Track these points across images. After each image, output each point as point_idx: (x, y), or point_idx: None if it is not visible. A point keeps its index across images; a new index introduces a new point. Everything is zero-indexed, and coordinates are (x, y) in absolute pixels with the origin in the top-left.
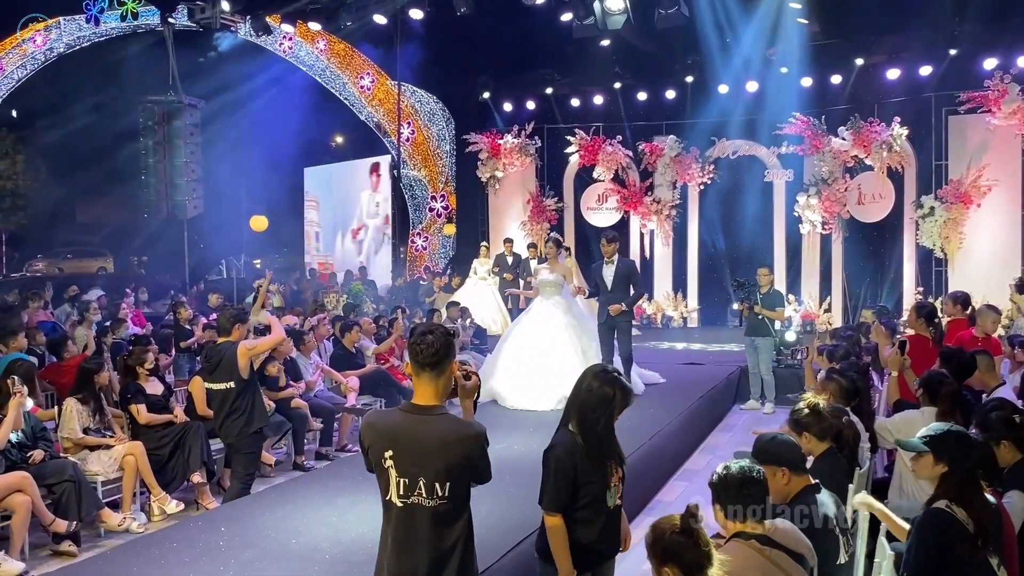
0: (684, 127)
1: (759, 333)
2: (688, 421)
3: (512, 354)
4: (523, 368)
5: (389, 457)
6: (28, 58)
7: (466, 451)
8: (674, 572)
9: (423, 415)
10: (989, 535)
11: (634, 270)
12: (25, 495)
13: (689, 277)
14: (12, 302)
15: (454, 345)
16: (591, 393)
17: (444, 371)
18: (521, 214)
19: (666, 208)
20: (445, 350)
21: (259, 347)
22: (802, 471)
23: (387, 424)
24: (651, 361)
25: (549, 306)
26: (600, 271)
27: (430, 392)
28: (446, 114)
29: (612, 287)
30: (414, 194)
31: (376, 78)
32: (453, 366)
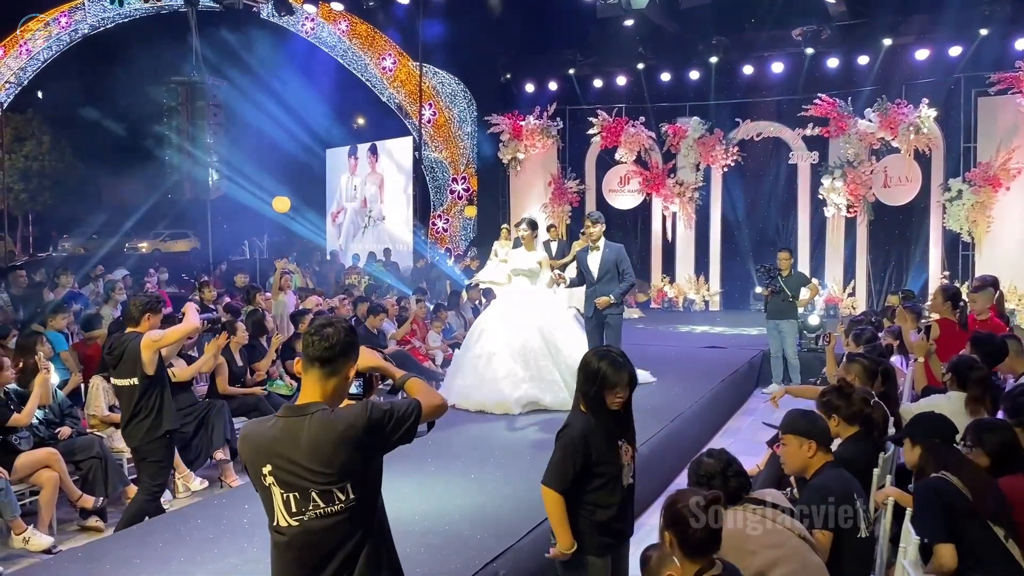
0: (708, 108)
1: (783, 316)
2: (709, 404)
3: (474, 356)
4: (486, 372)
5: (269, 473)
6: (54, 39)
7: (355, 440)
8: (671, 539)
9: (300, 416)
10: (986, 498)
11: (623, 256)
12: (53, 471)
13: (711, 260)
14: (40, 281)
15: (356, 346)
16: (584, 370)
17: (338, 371)
18: (542, 196)
19: (689, 190)
20: (343, 348)
21: (166, 339)
22: (827, 450)
23: (263, 434)
24: (672, 344)
25: (523, 297)
26: (584, 258)
27: (315, 392)
28: (468, 95)
29: (598, 276)
30: (435, 176)
31: (398, 59)
32: (350, 370)
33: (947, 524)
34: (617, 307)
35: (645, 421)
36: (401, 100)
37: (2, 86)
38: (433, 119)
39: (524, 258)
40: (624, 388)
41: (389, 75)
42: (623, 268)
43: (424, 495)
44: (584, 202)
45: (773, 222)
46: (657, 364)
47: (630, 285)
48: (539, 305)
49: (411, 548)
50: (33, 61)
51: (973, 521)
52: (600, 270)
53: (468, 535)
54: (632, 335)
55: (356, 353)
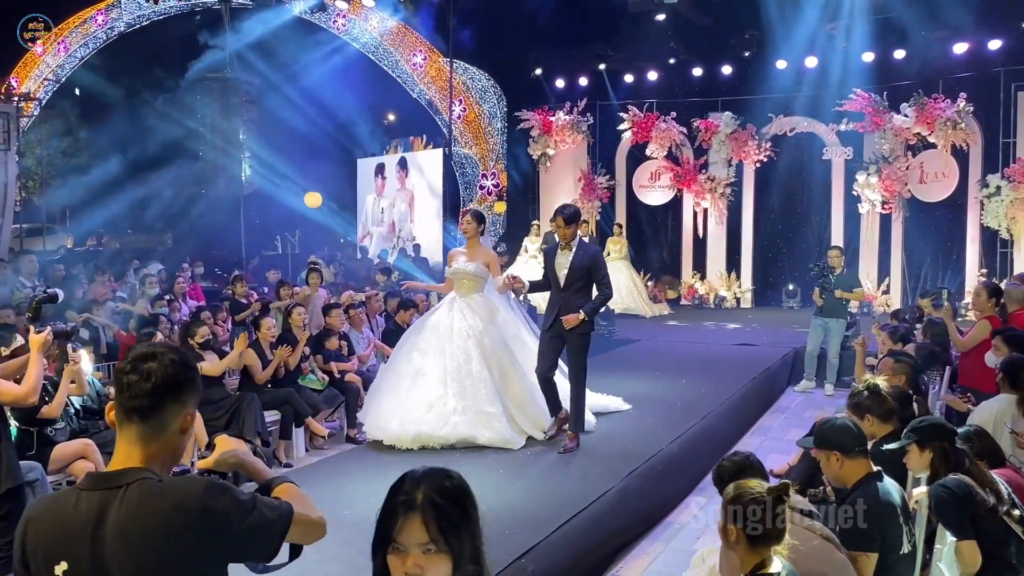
0: (740, 103)
1: (834, 315)
2: (740, 403)
3: (397, 374)
4: (409, 397)
5: (63, 574)
6: (90, 37)
7: (182, 529)
8: (738, 534)
9: (111, 488)
10: (1002, 496)
11: (599, 262)
12: (88, 461)
13: (743, 257)
14: (77, 274)
15: (193, 385)
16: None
17: (165, 424)
18: (572, 192)
19: (720, 186)
20: (171, 388)
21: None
22: (857, 455)
23: (56, 516)
24: (703, 342)
25: (463, 308)
26: (552, 259)
27: (134, 454)
28: (497, 91)
29: (566, 282)
30: (464, 172)
31: (428, 55)
32: (186, 421)
33: (967, 521)
34: (586, 326)
35: (676, 418)
36: (432, 96)
37: (41, 83)
38: (463, 115)
39: (468, 258)
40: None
41: (420, 71)
42: (599, 276)
43: None
44: (614, 198)
45: (806, 218)
46: (687, 361)
47: (604, 299)
48: (485, 317)
49: None
50: (70, 59)
51: (989, 515)
52: (570, 276)
53: (497, 530)
54: (662, 332)
55: (192, 395)
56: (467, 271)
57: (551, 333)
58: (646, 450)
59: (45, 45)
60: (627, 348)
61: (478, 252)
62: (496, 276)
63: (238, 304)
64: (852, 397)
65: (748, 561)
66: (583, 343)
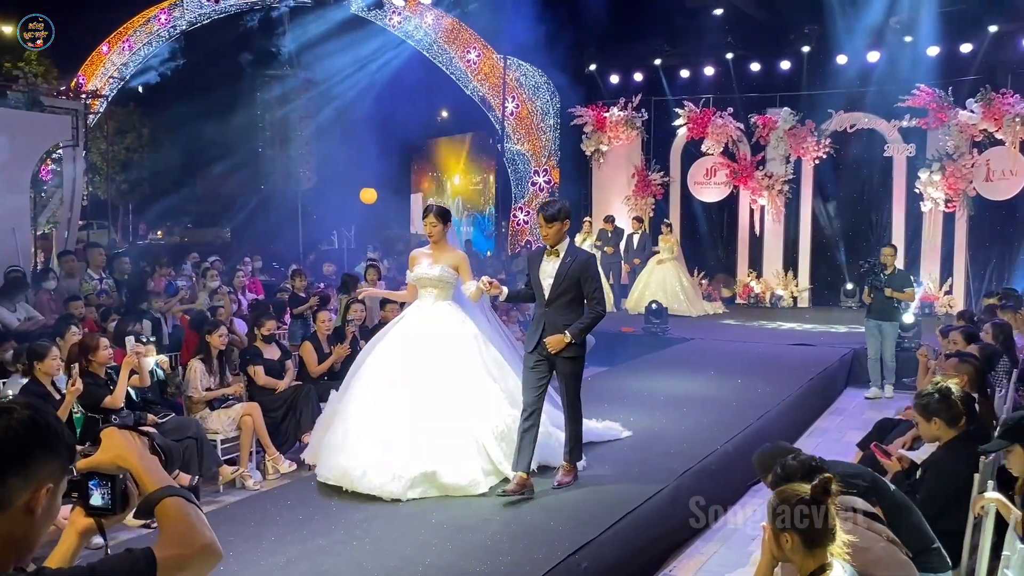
0: (799, 99)
1: (885, 317)
2: (797, 403)
3: (362, 407)
4: (357, 426)
5: None
6: (154, 35)
7: None
8: (793, 540)
9: None
10: None
11: (592, 271)
12: None
13: (800, 255)
14: (142, 268)
15: (50, 449)
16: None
17: (3, 507)
18: (625, 188)
19: (778, 183)
20: (10, 456)
21: None
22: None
23: None
24: (758, 341)
25: (427, 319)
26: (536, 266)
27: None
28: (550, 87)
29: (551, 294)
30: (516, 168)
31: (482, 52)
32: (37, 495)
33: None
34: (577, 348)
35: (731, 418)
36: (485, 93)
37: (106, 81)
38: (516, 111)
39: (432, 261)
40: None
41: (473, 68)
42: (590, 289)
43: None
44: (668, 194)
45: (866, 216)
46: (742, 361)
47: (596, 317)
48: (453, 329)
49: (493, 538)
50: (134, 57)
51: None
52: (555, 286)
53: (551, 526)
54: (717, 331)
55: (46, 465)
56: (431, 276)
57: (535, 356)
58: (701, 450)
59: (111, 44)
60: (680, 347)
61: (444, 253)
62: (467, 280)
63: (297, 298)
64: (920, 399)
65: (807, 566)
66: (574, 370)
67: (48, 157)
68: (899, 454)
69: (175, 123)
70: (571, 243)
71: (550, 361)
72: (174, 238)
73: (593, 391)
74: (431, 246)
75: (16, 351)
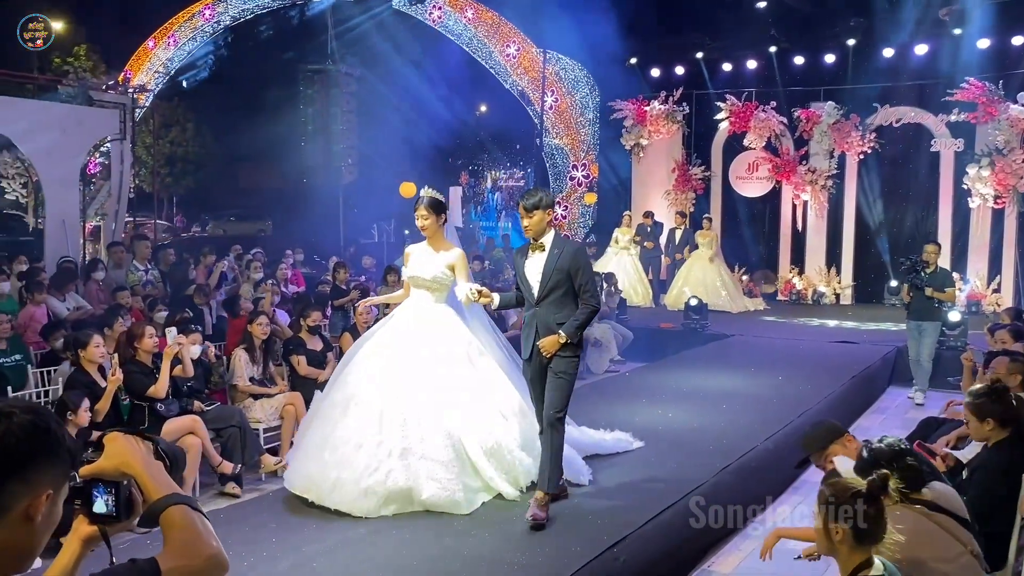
0: (844, 93)
1: (926, 317)
2: (838, 401)
3: (330, 403)
4: (335, 431)
5: None
6: (198, 31)
7: None
8: (843, 533)
9: None
10: None
11: (582, 262)
12: (196, 437)
13: (844, 252)
14: (187, 259)
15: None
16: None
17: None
18: (665, 183)
19: (822, 178)
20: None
21: None
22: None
23: None
24: (800, 338)
25: (417, 321)
26: (522, 264)
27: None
28: (590, 81)
29: (540, 292)
30: (555, 163)
31: (522, 46)
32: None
33: None
34: (571, 349)
35: (771, 415)
36: (524, 87)
37: (152, 76)
38: (555, 105)
39: (427, 259)
40: None
41: (513, 62)
42: (582, 281)
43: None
44: (709, 189)
45: (912, 213)
46: (784, 357)
47: (591, 312)
48: (444, 332)
49: (531, 530)
50: (179, 52)
51: None
52: (544, 282)
53: (588, 519)
54: (757, 328)
55: (47, 471)
56: (424, 278)
57: (535, 364)
58: (740, 446)
59: (156, 39)
60: (720, 343)
61: (440, 250)
62: (462, 281)
63: (338, 290)
64: (975, 397)
65: (851, 560)
66: (567, 368)
67: (96, 151)
68: (944, 452)
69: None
70: (557, 234)
71: (544, 369)
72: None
73: (631, 387)
74: (427, 241)
75: (66, 339)
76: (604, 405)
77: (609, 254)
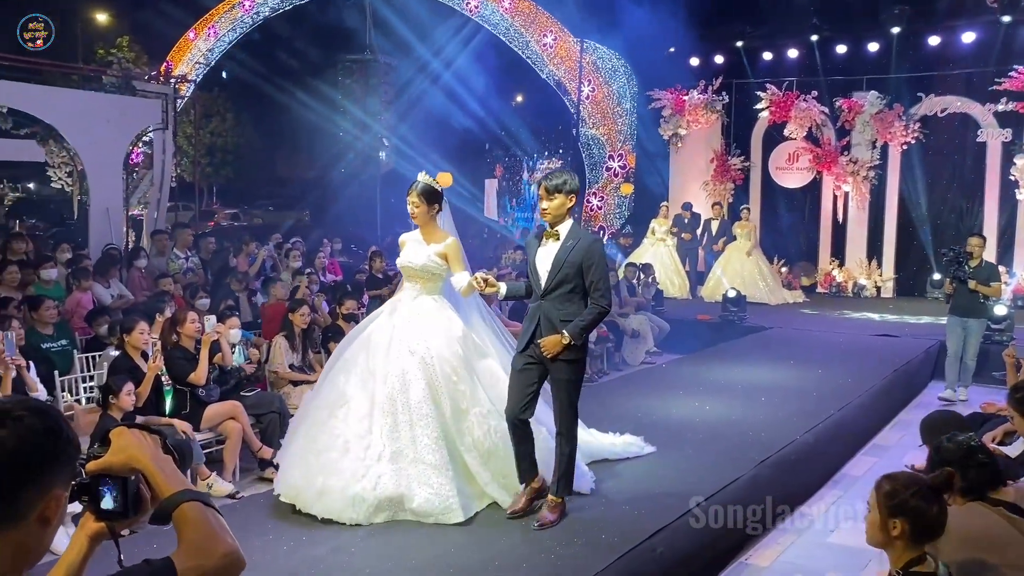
0: (887, 82)
1: (971, 313)
2: (879, 395)
3: (318, 403)
4: (322, 433)
5: None
6: (237, 22)
7: None
8: (902, 528)
9: None
10: None
11: (595, 256)
12: (237, 422)
13: (885, 244)
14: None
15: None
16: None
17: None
18: (704, 173)
19: (863, 169)
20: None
21: None
22: None
23: None
24: (841, 331)
25: (408, 315)
26: (534, 250)
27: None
28: (628, 71)
29: (548, 284)
30: (591, 153)
31: (559, 36)
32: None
33: None
34: (576, 351)
35: (812, 408)
36: (560, 77)
37: (192, 67)
38: (592, 95)
39: (418, 248)
40: None
41: (549, 52)
42: (594, 279)
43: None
44: (748, 180)
45: (956, 204)
46: (823, 350)
47: (599, 314)
48: (437, 328)
49: (568, 521)
50: (219, 43)
51: None
52: (553, 274)
53: (625, 510)
54: (796, 320)
55: (60, 474)
56: (414, 265)
57: (526, 357)
58: (779, 439)
59: (197, 31)
60: (758, 336)
61: (433, 239)
62: (457, 272)
63: (375, 279)
64: (1017, 392)
65: (905, 556)
66: (570, 376)
67: (139, 140)
68: (991, 448)
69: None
70: (576, 225)
71: (543, 365)
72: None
73: (667, 379)
74: (420, 230)
75: (110, 325)
76: (639, 397)
77: (645, 245)
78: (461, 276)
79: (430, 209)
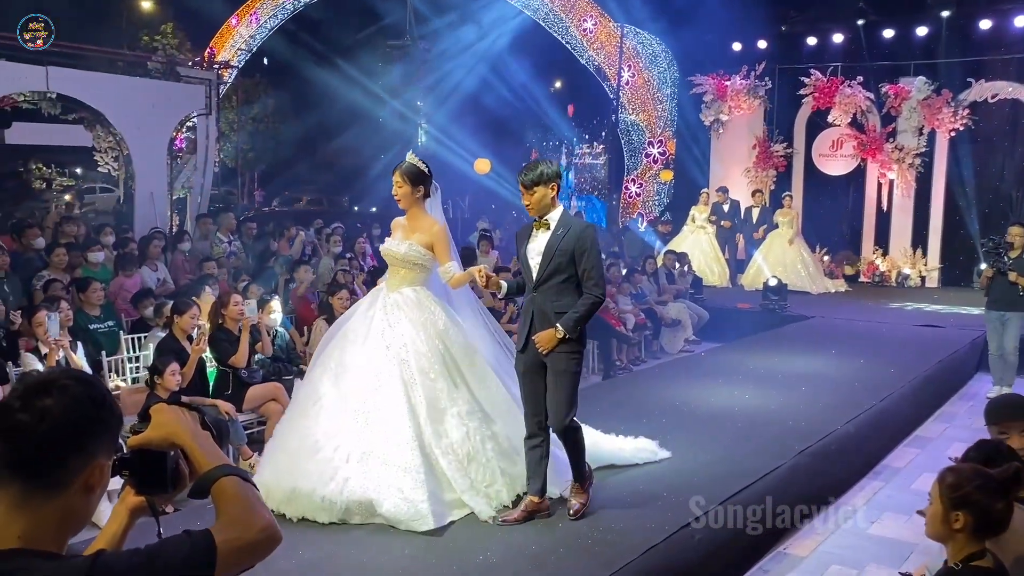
0: (935, 67)
1: (1012, 306)
2: (922, 386)
3: (304, 394)
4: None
5: None
6: (279, 8)
7: None
8: (964, 521)
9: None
10: None
11: (589, 243)
12: (278, 403)
13: (931, 233)
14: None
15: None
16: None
17: (62, 483)
18: (746, 160)
19: (909, 156)
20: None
21: None
22: None
23: None
24: (884, 321)
25: (387, 307)
26: (524, 242)
27: (11, 527)
28: (668, 56)
29: (540, 275)
30: (630, 139)
31: (599, 21)
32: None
33: None
34: (573, 344)
35: (854, 398)
36: (600, 62)
37: (235, 53)
38: (632, 81)
39: (403, 234)
40: None
41: (590, 37)
42: (586, 267)
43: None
44: (791, 167)
45: (1006, 193)
46: (866, 340)
47: (594, 304)
48: (417, 321)
49: (605, 505)
50: (261, 29)
51: None
52: (544, 264)
53: (665, 496)
54: (838, 309)
55: (104, 442)
56: (396, 253)
57: (527, 358)
58: (820, 429)
59: (239, 17)
60: (800, 325)
61: (419, 225)
62: (444, 262)
63: None
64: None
65: (964, 549)
66: (567, 367)
67: (183, 126)
68: None
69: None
70: (565, 211)
71: (541, 365)
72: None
73: (706, 367)
74: (406, 215)
75: (157, 306)
76: (678, 385)
77: (685, 232)
78: (449, 266)
79: (414, 191)
